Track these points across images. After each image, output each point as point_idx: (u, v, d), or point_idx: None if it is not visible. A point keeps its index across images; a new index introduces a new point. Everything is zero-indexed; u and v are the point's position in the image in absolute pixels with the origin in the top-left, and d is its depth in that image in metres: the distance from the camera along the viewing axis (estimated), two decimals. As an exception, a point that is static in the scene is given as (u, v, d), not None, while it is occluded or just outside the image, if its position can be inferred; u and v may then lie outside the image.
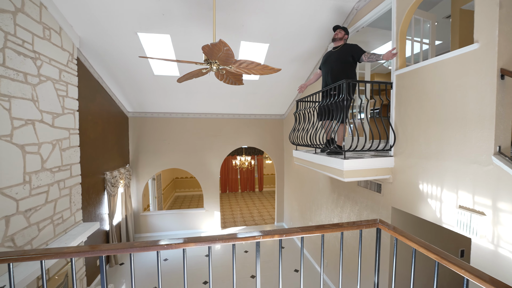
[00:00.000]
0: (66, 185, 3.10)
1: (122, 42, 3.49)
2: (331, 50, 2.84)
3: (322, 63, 2.88)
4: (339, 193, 3.68)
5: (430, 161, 2.08)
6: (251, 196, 11.24)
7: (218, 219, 6.40)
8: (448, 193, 1.92)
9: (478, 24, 1.69)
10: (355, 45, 2.66)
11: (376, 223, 1.43)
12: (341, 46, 2.72)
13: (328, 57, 2.79)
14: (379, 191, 2.74)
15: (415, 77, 2.23)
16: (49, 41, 2.79)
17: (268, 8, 3.07)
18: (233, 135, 6.33)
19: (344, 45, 2.71)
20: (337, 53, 2.70)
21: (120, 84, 4.55)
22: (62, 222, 3.01)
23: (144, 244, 1.26)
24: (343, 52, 2.66)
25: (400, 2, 2.40)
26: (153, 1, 2.87)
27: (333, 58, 2.71)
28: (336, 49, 2.74)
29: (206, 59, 1.99)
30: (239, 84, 2.61)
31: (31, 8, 2.50)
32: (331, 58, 2.74)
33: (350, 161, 2.34)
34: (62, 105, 3.04)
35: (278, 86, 5.07)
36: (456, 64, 1.85)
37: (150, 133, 5.90)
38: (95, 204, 4.17)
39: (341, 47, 2.71)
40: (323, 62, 2.85)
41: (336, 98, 2.46)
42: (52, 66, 2.85)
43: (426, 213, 2.13)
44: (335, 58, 2.69)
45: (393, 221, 2.57)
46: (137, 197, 5.92)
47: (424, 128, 2.13)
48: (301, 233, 1.26)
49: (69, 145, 3.18)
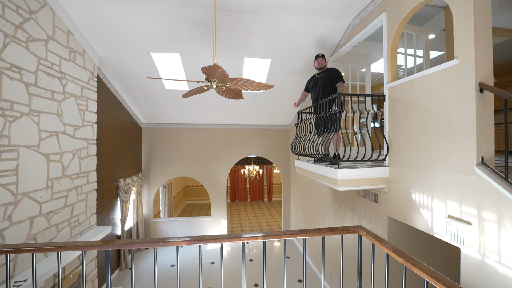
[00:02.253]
0: (83, 191, 3.39)
1: (137, 61, 3.85)
2: (316, 76, 3.25)
3: (310, 87, 3.32)
4: (340, 203, 3.72)
5: (421, 171, 2.13)
6: (260, 205, 11.27)
7: (225, 227, 6.52)
8: (438, 203, 1.96)
9: (457, 41, 1.79)
10: (335, 70, 3.07)
11: (357, 229, 1.51)
12: (324, 71, 3.15)
13: (315, 82, 3.20)
14: (376, 200, 2.78)
15: (405, 90, 2.33)
16: (74, 62, 3.17)
17: (269, 27, 3.30)
18: (240, 145, 6.53)
19: (326, 70, 3.12)
20: (323, 79, 3.11)
21: (135, 98, 4.93)
22: (78, 225, 3.28)
23: (143, 241, 1.43)
24: (328, 76, 3.07)
25: (390, 19, 2.54)
26: (164, 24, 3.19)
27: (321, 82, 3.11)
28: (321, 75, 3.17)
29: (207, 78, 2.21)
30: (239, 99, 2.81)
31: (60, 35, 2.88)
32: (319, 83, 3.14)
33: (344, 170, 2.42)
34: (83, 118, 3.38)
35: (282, 98, 5.25)
36: (441, 78, 1.94)
37: (162, 143, 6.23)
38: (109, 210, 4.45)
39: (325, 72, 3.12)
40: (311, 87, 3.28)
41: (328, 111, 2.62)
42: (75, 84, 3.21)
43: (419, 223, 2.16)
44: (323, 82, 3.09)
45: (390, 231, 2.59)
46: (148, 204, 6.19)
47: (415, 139, 2.20)
48: (284, 236, 1.38)
49: (87, 154, 3.49)
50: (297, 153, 3.59)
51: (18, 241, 2.35)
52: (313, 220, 4.95)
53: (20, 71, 2.34)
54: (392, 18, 2.50)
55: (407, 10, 2.31)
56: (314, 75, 3.29)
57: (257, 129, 6.62)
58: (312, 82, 3.28)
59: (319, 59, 3.16)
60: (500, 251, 1.50)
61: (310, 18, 3.19)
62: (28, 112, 2.45)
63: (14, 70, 2.28)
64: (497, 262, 1.52)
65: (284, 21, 3.20)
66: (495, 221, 1.53)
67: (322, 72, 3.16)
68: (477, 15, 1.68)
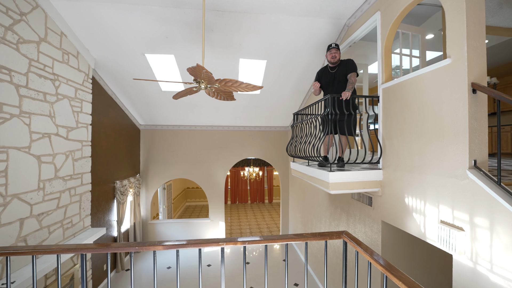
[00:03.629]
0: (76, 192, 3.38)
1: (132, 63, 3.85)
2: (329, 70, 2.81)
3: (324, 83, 2.84)
4: (336, 206, 3.65)
5: (414, 174, 2.06)
6: (260, 207, 11.21)
7: (222, 229, 6.47)
8: (431, 208, 1.89)
9: (449, 40, 1.73)
10: (351, 61, 2.70)
11: (342, 235, 1.46)
12: (338, 64, 2.74)
13: (331, 78, 2.76)
14: (371, 204, 2.71)
15: (399, 90, 2.27)
16: (67, 64, 3.18)
17: (262, 28, 3.27)
18: (238, 146, 6.50)
19: (341, 63, 2.74)
20: (340, 74, 2.70)
21: (132, 99, 4.94)
22: (72, 226, 3.27)
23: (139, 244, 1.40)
24: (344, 70, 2.68)
25: (384, 18, 2.48)
26: (157, 26, 3.18)
27: (338, 79, 2.71)
28: (335, 69, 2.74)
29: (195, 79, 2.18)
30: (230, 100, 2.78)
31: (52, 37, 2.89)
32: (336, 80, 2.72)
33: (337, 173, 2.37)
34: (77, 119, 3.39)
35: (280, 100, 5.21)
36: (433, 78, 1.88)
37: (160, 145, 6.23)
38: (104, 211, 4.45)
39: (340, 66, 2.72)
40: (325, 84, 2.81)
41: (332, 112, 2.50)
42: (69, 85, 3.21)
43: (412, 228, 2.09)
44: (340, 79, 2.70)
45: (383, 235, 2.52)
46: (146, 206, 6.19)
47: (408, 141, 2.14)
48: (264, 242, 1.33)
49: (81, 155, 3.49)
50: (292, 155, 3.54)
51: (7, 243, 2.35)
52: (310, 223, 4.88)
53: (10, 72, 2.35)
54: (386, 17, 2.45)
55: (401, 9, 2.26)
56: (326, 69, 2.83)
57: (255, 130, 6.58)
58: (325, 77, 2.81)
59: (332, 50, 2.65)
60: (492, 259, 1.43)
61: (304, 18, 3.14)
62: (18, 114, 2.45)
63: (3, 71, 2.28)
64: (489, 270, 1.44)
65: (278, 21, 3.16)
66: (488, 227, 1.46)
67: (337, 66, 2.71)
68: (469, 13, 1.62)
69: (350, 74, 2.63)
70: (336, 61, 2.72)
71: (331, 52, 2.72)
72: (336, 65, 2.75)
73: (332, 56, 2.71)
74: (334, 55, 2.70)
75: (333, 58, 2.71)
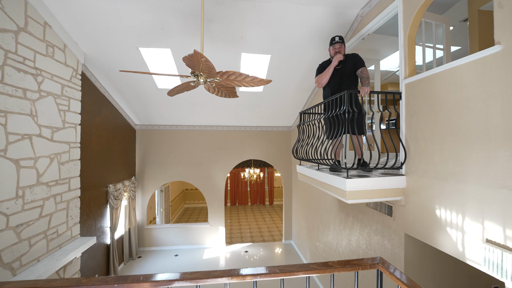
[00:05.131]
0: (63, 199, 3.08)
1: (125, 57, 3.55)
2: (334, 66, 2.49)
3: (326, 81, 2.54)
4: (347, 213, 3.35)
5: (448, 182, 1.77)
6: (260, 209, 10.91)
7: (222, 234, 6.18)
8: (472, 223, 1.60)
9: (499, 23, 1.44)
10: (356, 55, 2.48)
11: (376, 263, 1.16)
12: (343, 60, 2.48)
13: (335, 75, 2.49)
14: (390, 214, 2.42)
15: (427, 85, 1.97)
16: (52, 58, 2.87)
17: (267, 18, 2.97)
18: (238, 147, 6.20)
19: (347, 58, 2.49)
20: (346, 70, 2.44)
21: (126, 97, 4.63)
22: (57, 237, 2.97)
23: (119, 280, 1.08)
24: (351, 66, 2.43)
25: (407, 5, 2.19)
26: (151, 16, 2.88)
27: (344, 76, 2.46)
28: (340, 65, 2.47)
29: (192, 72, 1.88)
30: (233, 97, 2.48)
31: (34, 27, 2.59)
32: (342, 77, 2.46)
33: (354, 180, 2.07)
34: (63, 119, 3.08)
35: (283, 98, 4.91)
36: (475, 70, 1.58)
37: (157, 146, 5.93)
38: (96, 218, 4.14)
39: (345, 62, 2.47)
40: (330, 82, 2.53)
41: (339, 110, 2.24)
42: (54, 81, 2.91)
43: (445, 245, 1.80)
44: (347, 76, 2.44)
45: (407, 251, 2.22)
46: (142, 210, 5.88)
47: (439, 143, 1.84)
48: (280, 275, 1.04)
49: (69, 158, 3.19)
50: (299, 158, 3.24)
51: (-23, 261, 2.04)
52: (316, 230, 4.58)
53: (-21, 65, 2.04)
54: (409, 3, 2.15)
55: (428, -7, 1.97)
56: (330, 63, 2.56)
57: (257, 131, 6.28)
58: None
59: (336, 45, 2.40)
60: None
61: (313, 8, 2.85)
62: (-9, 112, 2.15)
63: (-29, 63, 1.98)
64: None
65: (284, 10, 2.86)
66: (559, 253, 1.17)
67: (342, 61, 2.46)
68: (525, -10, 1.33)
69: (361, 68, 2.39)
70: (342, 54, 2.45)
71: (334, 47, 2.46)
72: (341, 61, 2.47)
73: (335, 52, 2.45)
74: (339, 50, 2.43)
75: (340, 52, 2.44)
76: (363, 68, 2.38)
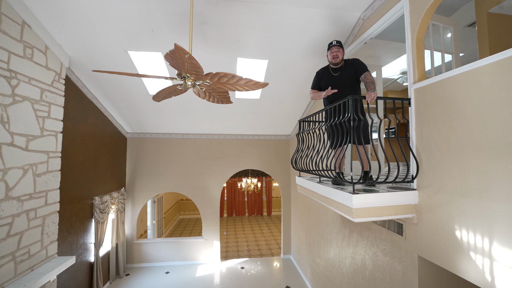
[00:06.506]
0: (38, 215, 2.78)
1: (113, 61, 3.35)
2: (331, 73, 2.41)
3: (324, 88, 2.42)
4: (351, 229, 3.09)
5: (470, 200, 1.54)
6: (258, 221, 10.54)
7: (217, 249, 5.82)
8: (503, 249, 1.36)
9: (528, 18, 1.26)
10: (357, 60, 2.32)
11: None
12: (342, 65, 2.35)
13: (333, 83, 2.35)
14: (401, 232, 2.17)
15: (440, 90, 1.78)
16: (31, 60, 2.65)
17: (264, 21, 2.81)
18: (235, 157, 5.96)
19: (346, 64, 2.35)
20: (345, 77, 2.31)
21: (116, 104, 4.40)
22: (28, 258, 2.65)
23: None
24: (351, 72, 2.29)
25: (414, 6, 2.03)
26: (140, 17, 2.70)
27: (343, 83, 2.31)
28: (339, 72, 2.35)
29: (179, 74, 1.67)
30: (226, 103, 2.27)
31: (9, 25, 2.38)
32: (342, 84, 2.31)
33: (361, 196, 1.84)
34: (42, 126, 2.83)
35: (281, 105, 4.73)
36: (499, 72, 1.39)
37: (149, 155, 5.66)
38: (78, 233, 3.82)
39: (344, 68, 2.34)
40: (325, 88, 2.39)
41: (343, 118, 2.03)
42: (32, 85, 2.68)
43: (469, 272, 1.55)
44: (346, 83, 2.30)
45: (421, 276, 1.96)
46: (131, 223, 5.54)
47: (458, 155, 1.63)
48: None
49: (47, 169, 2.91)
50: (298, 169, 3.01)
51: None
52: (317, 245, 4.29)
53: None
54: (417, 4, 2.00)
55: (438, -8, 1.81)
56: (328, 70, 2.44)
57: (253, 139, 6.06)
58: (326, 81, 2.43)
59: (333, 49, 2.28)
60: None
61: (312, 10, 2.70)
62: (-50, 119, 1.90)
63: None
64: None
65: (282, 13, 2.71)
66: None
67: (340, 68, 2.34)
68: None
69: (364, 73, 2.22)
70: (338, 61, 2.31)
71: (332, 51, 2.31)
72: (340, 67, 2.35)
73: (333, 56, 2.30)
74: (336, 55, 2.29)
75: (335, 58, 2.30)
76: (367, 73, 2.21)
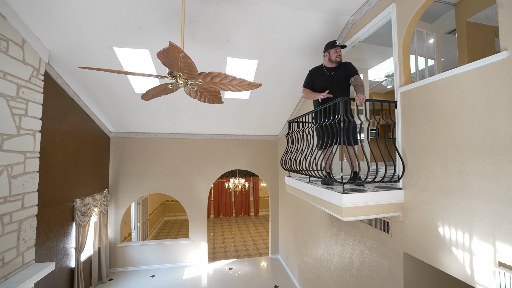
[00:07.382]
0: (13, 220, 2.60)
1: (97, 58, 3.20)
2: (325, 72, 2.45)
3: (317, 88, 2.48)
4: (339, 228, 3.17)
5: (452, 198, 1.63)
6: (245, 221, 10.53)
7: (205, 251, 5.75)
8: (482, 244, 1.45)
9: (505, 28, 1.35)
10: (349, 64, 2.40)
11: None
12: (336, 66, 2.42)
13: (327, 82, 2.41)
14: (387, 230, 2.25)
15: (425, 94, 1.87)
16: (6, 53, 2.47)
17: (255, 21, 2.81)
18: (223, 157, 5.91)
19: (340, 66, 2.41)
20: (338, 78, 2.37)
21: (99, 102, 4.22)
22: (2, 266, 2.47)
23: None
24: (344, 73, 2.36)
25: (401, 12, 2.12)
26: (128, 13, 2.61)
27: (336, 83, 2.38)
28: (333, 72, 2.42)
29: (170, 72, 1.62)
30: (218, 103, 2.24)
31: (-19, 16, 2.21)
32: (334, 83, 2.38)
33: (351, 195, 1.89)
34: (18, 125, 2.65)
35: (271, 105, 4.75)
36: (479, 78, 1.48)
37: (133, 155, 5.47)
38: (58, 238, 3.62)
39: (338, 69, 2.40)
40: (320, 88, 2.45)
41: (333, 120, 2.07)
42: (7, 81, 2.50)
43: (451, 267, 1.64)
44: (339, 83, 2.37)
45: (406, 271, 2.05)
46: (115, 226, 5.33)
47: (441, 155, 1.72)
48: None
49: (24, 171, 2.73)
50: (288, 169, 3.04)
51: None
52: (305, 244, 4.35)
53: None
54: (404, 10, 2.08)
55: (423, 1, 1.90)
56: (322, 70, 2.47)
57: (242, 139, 6.04)
58: (320, 80, 2.46)
59: (338, 48, 2.33)
60: None
61: (303, 12, 2.73)
62: None
63: None
64: None
65: (273, 14, 2.72)
66: None
67: (335, 68, 2.39)
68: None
69: (354, 76, 2.29)
70: (340, 60, 2.38)
71: (337, 50, 2.36)
72: (334, 67, 2.42)
73: (337, 55, 2.36)
74: (340, 54, 2.36)
75: (339, 57, 2.36)
76: (357, 76, 2.27)
